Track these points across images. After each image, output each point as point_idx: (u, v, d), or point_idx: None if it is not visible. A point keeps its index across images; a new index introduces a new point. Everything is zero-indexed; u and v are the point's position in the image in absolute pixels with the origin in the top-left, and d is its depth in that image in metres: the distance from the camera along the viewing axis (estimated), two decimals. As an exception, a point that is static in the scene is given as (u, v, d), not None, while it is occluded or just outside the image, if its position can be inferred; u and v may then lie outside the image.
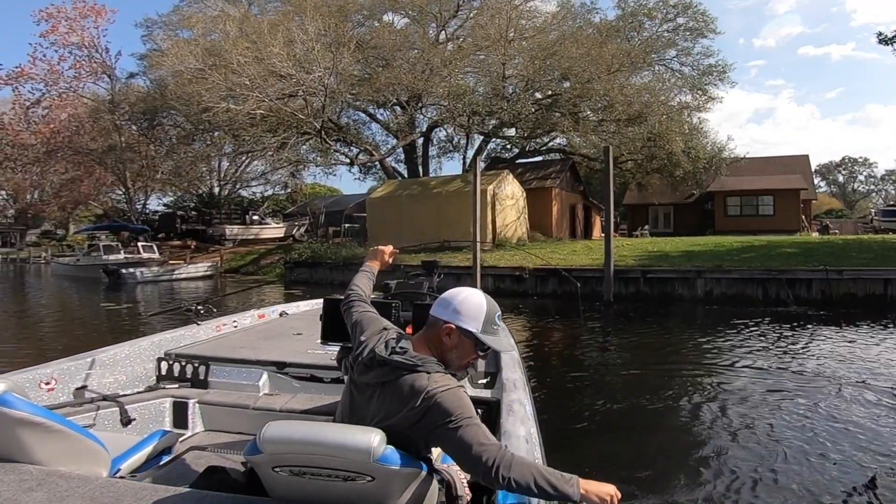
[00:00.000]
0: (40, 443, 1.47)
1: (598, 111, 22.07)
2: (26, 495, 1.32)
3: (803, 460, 3.66)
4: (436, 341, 1.58)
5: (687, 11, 25.87)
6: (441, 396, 1.42)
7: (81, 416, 2.40)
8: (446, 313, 1.57)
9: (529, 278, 13.96)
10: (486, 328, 1.58)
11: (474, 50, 22.35)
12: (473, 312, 1.57)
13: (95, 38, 29.59)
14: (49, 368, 2.55)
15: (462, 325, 1.55)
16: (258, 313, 4.17)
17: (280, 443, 1.29)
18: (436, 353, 1.56)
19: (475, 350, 1.60)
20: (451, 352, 1.57)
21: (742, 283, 11.81)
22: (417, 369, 1.46)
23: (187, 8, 28.24)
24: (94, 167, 31.46)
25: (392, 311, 2.65)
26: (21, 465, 1.44)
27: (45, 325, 11.23)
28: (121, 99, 29.09)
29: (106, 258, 21.09)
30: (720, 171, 24.98)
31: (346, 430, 1.33)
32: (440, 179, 22.71)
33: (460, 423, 1.40)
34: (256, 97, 17.72)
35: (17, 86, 28.48)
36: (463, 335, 1.56)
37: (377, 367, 1.50)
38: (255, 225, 30.11)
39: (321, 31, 18.90)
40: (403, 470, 1.32)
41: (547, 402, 5.21)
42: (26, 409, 1.43)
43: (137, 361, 2.97)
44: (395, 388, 1.46)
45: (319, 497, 1.33)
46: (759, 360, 6.61)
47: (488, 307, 1.60)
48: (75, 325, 11.30)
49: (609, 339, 8.82)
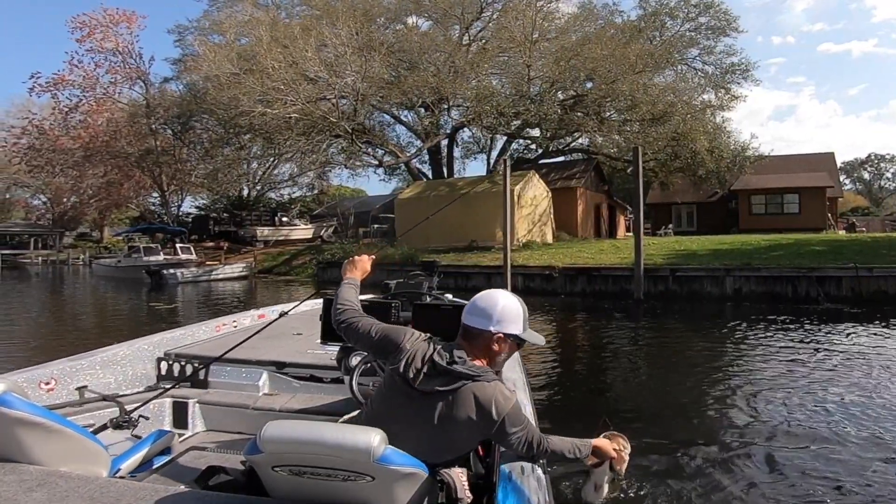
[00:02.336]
0: (40, 443, 1.48)
1: (623, 111, 22.20)
2: (26, 495, 1.32)
3: (843, 459, 3.57)
4: (484, 350, 1.68)
5: (709, 11, 25.94)
6: (513, 408, 1.62)
7: (81, 416, 2.41)
8: (491, 323, 1.67)
9: (559, 277, 14.19)
10: (525, 327, 1.73)
11: (498, 51, 22.57)
12: (514, 317, 1.70)
13: (129, 44, 30.43)
14: (49, 368, 2.56)
15: (510, 332, 1.69)
16: (258, 313, 4.16)
17: (280, 442, 1.30)
18: (485, 360, 1.68)
19: (517, 347, 1.77)
20: (500, 356, 1.70)
21: (772, 281, 11.89)
22: (478, 379, 1.58)
23: (217, 13, 28.79)
24: (132, 171, 32.32)
25: (392, 311, 2.73)
26: (21, 466, 1.45)
27: (122, 323, 11.79)
28: (155, 104, 29.81)
29: (147, 259, 21.84)
30: (744, 170, 24.85)
31: (346, 430, 1.33)
32: (467, 180, 22.96)
33: (525, 425, 1.65)
34: (291, 101, 18.22)
35: (56, 92, 29.42)
36: (509, 339, 1.70)
37: (439, 375, 1.58)
38: (285, 226, 30.88)
39: (352, 34, 19.33)
40: (403, 470, 1.33)
41: (578, 393, 5.44)
42: (26, 410, 1.44)
43: (137, 361, 2.97)
44: (460, 396, 1.56)
45: (319, 497, 1.34)
46: (795, 355, 6.70)
47: (523, 308, 1.74)
48: (141, 323, 11.83)
49: (641, 335, 8.94)
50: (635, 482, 3.22)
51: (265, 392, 2.88)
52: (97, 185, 34.66)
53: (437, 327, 2.48)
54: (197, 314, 12.45)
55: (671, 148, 21.73)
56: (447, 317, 2.60)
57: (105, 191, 35.06)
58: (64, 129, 30.17)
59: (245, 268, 22.88)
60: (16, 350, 8.29)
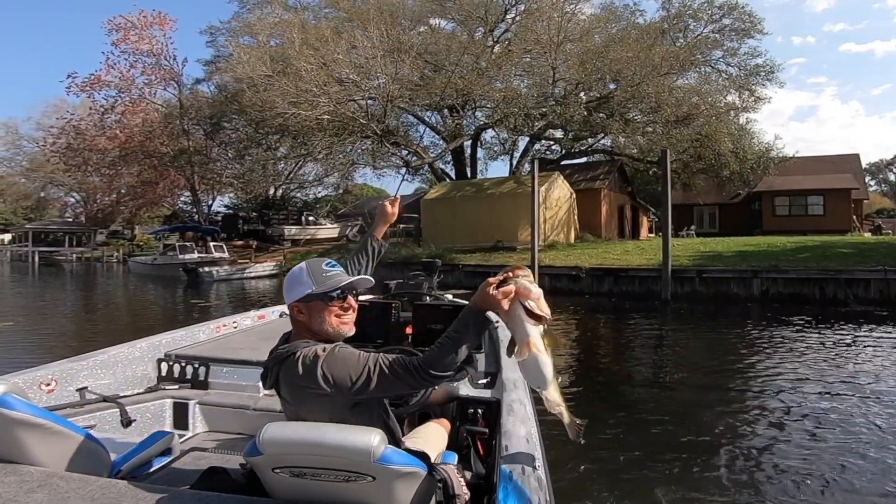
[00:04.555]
0: (41, 444, 1.48)
1: (647, 113, 22.30)
2: (27, 496, 1.32)
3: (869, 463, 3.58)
4: (299, 328, 1.63)
5: (733, 12, 25.90)
6: (330, 355, 1.48)
7: (82, 417, 2.41)
8: (286, 300, 1.64)
9: (585, 277, 14.33)
10: (318, 280, 1.59)
11: (522, 53, 22.70)
12: (294, 282, 1.61)
13: (164, 46, 31.10)
14: (49, 369, 2.54)
15: (296, 299, 1.59)
16: (258, 314, 4.17)
17: (280, 444, 1.31)
18: (308, 335, 1.60)
19: (328, 303, 1.59)
20: (312, 323, 1.59)
21: (799, 283, 11.94)
22: (287, 356, 1.53)
23: (247, 15, 29.27)
24: (166, 170, 33.06)
25: (392, 311, 2.74)
26: (21, 467, 1.45)
27: (172, 316, 12.43)
28: (188, 105, 30.48)
29: (182, 257, 22.55)
30: (768, 171, 24.75)
31: (347, 431, 1.32)
32: (493, 181, 23.13)
33: (360, 360, 1.48)
34: (323, 103, 18.58)
35: (92, 93, 30.30)
36: (305, 303, 1.59)
37: (273, 367, 1.58)
38: (311, 225, 31.53)
39: (383, 37, 19.64)
40: (403, 469, 1.33)
41: (604, 394, 5.55)
42: (26, 411, 1.45)
43: (138, 362, 2.96)
44: (287, 377, 1.53)
45: (320, 497, 1.34)
46: (829, 356, 6.82)
47: (307, 266, 1.63)
48: (194, 321, 12.53)
49: (669, 336, 9.05)
50: (666, 483, 3.30)
51: (265, 393, 2.80)
52: (132, 184, 35.54)
53: (437, 327, 2.68)
54: (232, 311, 12.98)
55: (694, 149, 21.83)
56: (447, 316, 2.69)
57: (140, 190, 35.95)
58: (100, 129, 31.00)
59: (276, 266, 23.43)
60: (88, 337, 8.92)
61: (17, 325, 10.70)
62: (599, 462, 3.74)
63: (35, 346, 8.74)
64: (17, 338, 9.45)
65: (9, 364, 2.68)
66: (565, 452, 3.63)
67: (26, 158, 43.49)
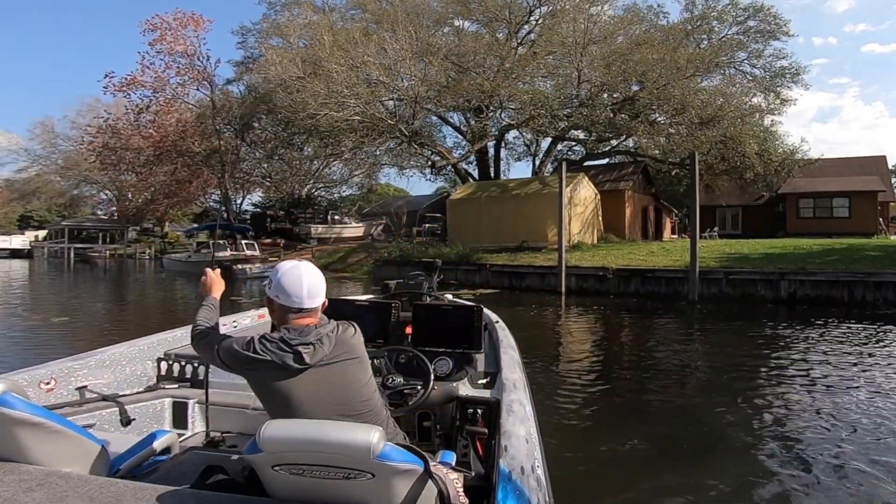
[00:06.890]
0: (40, 443, 1.48)
1: (671, 114, 22.38)
2: (26, 495, 1.32)
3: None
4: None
5: (758, 14, 25.87)
6: None
7: (81, 416, 2.42)
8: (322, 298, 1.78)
9: (612, 278, 14.35)
10: (270, 284, 1.74)
11: (545, 55, 22.87)
12: (282, 288, 1.70)
13: (197, 47, 31.61)
14: (49, 368, 2.54)
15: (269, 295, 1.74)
16: (258, 314, 4.13)
17: (279, 442, 1.31)
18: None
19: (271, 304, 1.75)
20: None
21: (827, 285, 11.93)
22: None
23: (276, 16, 29.92)
24: (199, 169, 33.77)
25: (392, 311, 2.74)
26: (21, 466, 1.45)
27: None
28: (220, 105, 31.01)
29: (217, 255, 23.22)
30: (792, 173, 24.57)
31: (346, 428, 1.34)
32: (518, 181, 23.28)
33: None
34: (353, 104, 18.96)
35: (128, 93, 30.95)
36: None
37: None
38: (337, 224, 32.06)
39: (412, 40, 19.97)
40: (402, 466, 1.34)
41: (634, 389, 5.62)
42: (26, 410, 1.45)
43: (137, 361, 2.96)
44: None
45: (319, 495, 1.35)
46: (859, 358, 6.81)
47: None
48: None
49: (696, 337, 9.04)
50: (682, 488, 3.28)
51: None
52: (165, 182, 36.25)
53: (437, 327, 2.72)
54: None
55: (718, 151, 21.86)
56: (447, 316, 2.73)
57: (174, 188, 36.71)
58: (135, 129, 31.75)
59: (307, 264, 23.96)
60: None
61: (73, 319, 11.28)
62: (599, 462, 3.73)
63: (94, 335, 9.21)
64: (74, 329, 9.98)
65: (65, 356, 2.69)
66: (565, 452, 3.63)
67: (62, 157, 44.67)
